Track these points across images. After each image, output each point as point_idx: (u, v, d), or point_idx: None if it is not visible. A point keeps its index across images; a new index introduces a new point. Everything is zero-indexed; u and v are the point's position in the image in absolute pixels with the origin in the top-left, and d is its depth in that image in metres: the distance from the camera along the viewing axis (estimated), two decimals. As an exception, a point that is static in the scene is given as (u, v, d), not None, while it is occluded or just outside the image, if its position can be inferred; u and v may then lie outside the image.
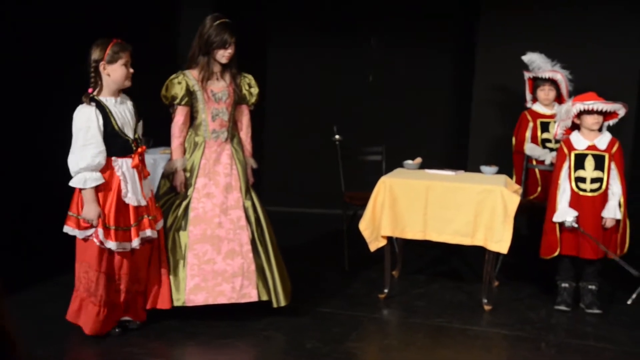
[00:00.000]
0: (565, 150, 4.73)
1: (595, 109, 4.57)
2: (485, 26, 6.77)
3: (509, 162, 5.72)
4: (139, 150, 3.91)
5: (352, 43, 7.58)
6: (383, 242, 4.74)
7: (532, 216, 5.51)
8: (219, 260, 4.17)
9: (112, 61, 3.81)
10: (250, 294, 4.19)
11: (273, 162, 7.58)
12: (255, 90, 4.45)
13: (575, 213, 4.58)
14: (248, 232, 4.26)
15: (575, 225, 4.57)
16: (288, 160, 7.67)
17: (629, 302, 4.70)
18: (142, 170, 3.94)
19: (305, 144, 7.55)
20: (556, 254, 4.71)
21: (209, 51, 4.25)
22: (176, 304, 4.11)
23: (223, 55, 4.25)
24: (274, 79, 7.61)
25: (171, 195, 4.32)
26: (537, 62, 5.55)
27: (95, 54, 3.80)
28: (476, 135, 6.85)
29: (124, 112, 3.88)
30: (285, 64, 7.68)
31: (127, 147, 3.86)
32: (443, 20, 7.40)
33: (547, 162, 5.38)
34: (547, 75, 5.45)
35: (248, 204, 4.33)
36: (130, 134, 3.88)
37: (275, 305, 4.23)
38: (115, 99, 3.87)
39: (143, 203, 3.90)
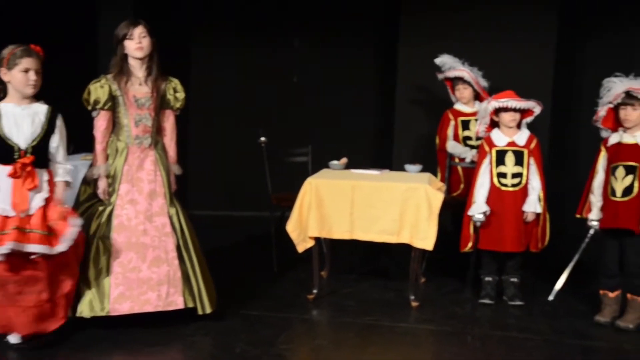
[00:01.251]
0: (486, 147, 4.86)
1: (509, 106, 4.72)
2: (406, 26, 6.86)
3: (433, 160, 5.84)
4: (22, 160, 3.74)
5: (276, 44, 7.59)
6: (311, 243, 4.77)
7: (456, 212, 5.61)
8: (144, 268, 4.11)
9: (11, 67, 3.73)
10: (177, 302, 4.15)
11: (199, 165, 7.52)
12: (181, 95, 4.41)
13: (486, 208, 4.71)
14: (173, 239, 4.22)
15: (478, 224, 4.71)
16: (214, 163, 7.63)
17: (551, 297, 4.87)
18: (25, 181, 3.74)
19: (231, 146, 7.53)
20: (469, 245, 4.84)
21: (121, 48, 4.21)
22: (100, 313, 4.03)
23: (133, 47, 4.19)
24: (199, 81, 7.55)
25: (93, 202, 4.24)
26: (449, 63, 5.71)
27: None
28: (400, 134, 6.94)
29: (22, 119, 3.77)
30: (210, 65, 7.63)
31: (8, 154, 3.73)
32: (366, 20, 7.49)
33: (468, 159, 5.53)
34: (455, 74, 5.61)
35: (172, 211, 4.29)
36: (20, 142, 3.75)
37: (200, 312, 4.21)
38: (20, 106, 3.78)
39: (11, 214, 3.70)
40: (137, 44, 4.19)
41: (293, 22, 7.55)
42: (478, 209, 4.76)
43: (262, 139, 5.57)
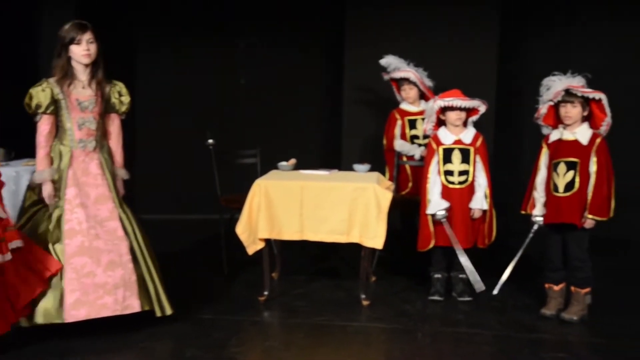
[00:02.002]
0: (434, 145, 4.92)
1: (454, 105, 4.79)
2: (351, 27, 6.90)
3: (381, 159, 5.88)
4: None
5: (222, 45, 7.56)
6: (261, 245, 4.77)
7: (405, 211, 5.71)
8: (100, 272, 4.05)
9: None
10: (133, 305, 4.11)
11: (146, 169, 7.44)
12: (126, 98, 4.37)
13: (447, 204, 4.78)
14: (127, 243, 4.18)
15: (443, 220, 4.77)
16: (162, 166, 7.55)
17: (495, 291, 4.95)
18: None
19: (179, 149, 7.46)
20: (431, 245, 4.89)
21: (66, 52, 4.14)
22: (56, 320, 3.96)
23: (80, 54, 4.14)
24: (144, 83, 7.48)
25: (39, 207, 4.17)
26: (394, 64, 5.76)
27: None
28: (348, 134, 6.98)
29: None
30: (155, 68, 7.57)
31: None
32: (312, 20, 7.51)
33: (417, 157, 5.59)
34: (401, 75, 5.67)
35: (123, 214, 4.25)
36: None
37: (159, 314, 4.18)
38: None
39: None
40: (84, 50, 4.13)
41: (239, 23, 7.52)
42: (437, 206, 4.81)
43: (210, 141, 5.54)
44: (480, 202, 4.84)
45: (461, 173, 4.85)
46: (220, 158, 5.64)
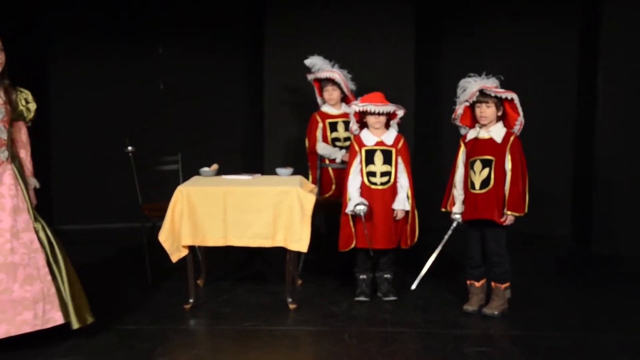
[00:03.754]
0: (356, 146, 4.99)
1: (369, 110, 4.86)
2: (271, 28, 6.90)
3: (304, 162, 5.94)
4: None
5: (140, 50, 7.46)
6: (185, 252, 4.73)
7: (329, 213, 5.76)
8: (17, 288, 3.95)
9: None
10: (55, 318, 4.03)
11: (65, 179, 7.30)
12: (32, 105, 4.27)
13: (365, 202, 4.85)
14: (43, 255, 4.09)
15: (362, 215, 4.82)
16: (81, 175, 7.38)
17: (413, 287, 5.06)
18: None
19: (98, 157, 7.31)
20: (352, 246, 4.95)
21: None
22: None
23: None
24: (60, 91, 7.31)
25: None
26: (318, 64, 5.80)
27: None
28: (270, 138, 6.98)
29: None
30: (72, 75, 7.37)
31: None
32: (232, 23, 7.47)
33: (338, 160, 5.67)
34: (326, 75, 5.71)
35: (38, 225, 4.15)
36: None
37: (77, 326, 4.10)
38: None
39: None
40: None
41: (156, 28, 7.43)
42: (355, 201, 4.86)
43: (130, 148, 5.46)
44: (402, 203, 4.93)
45: (383, 174, 4.93)
46: (141, 165, 5.57)
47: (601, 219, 6.50)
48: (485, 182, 4.59)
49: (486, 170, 4.59)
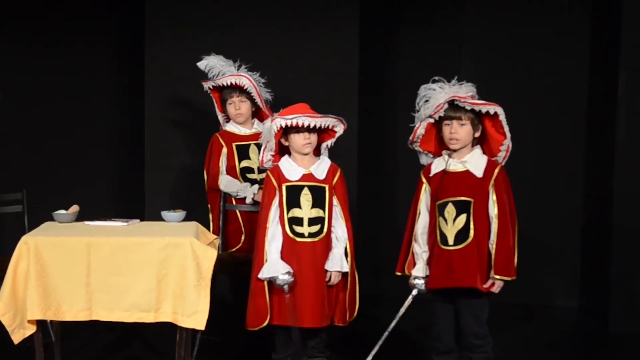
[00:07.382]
0: (274, 182, 4.88)
1: (302, 124, 4.76)
2: (155, 15, 6.90)
3: (201, 203, 5.85)
4: None
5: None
6: (32, 329, 4.56)
7: (237, 274, 5.64)
8: None
9: None
10: None
11: None
12: None
13: (288, 268, 4.72)
14: None
15: (285, 287, 4.72)
16: None
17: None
18: None
19: None
20: (266, 323, 4.83)
21: None
22: None
23: None
24: None
25: None
26: (218, 67, 5.75)
27: None
28: (153, 168, 6.94)
29: None
30: None
31: None
32: (98, 6, 7.46)
33: (249, 199, 5.58)
34: (230, 80, 5.65)
35: None
36: None
37: None
38: None
39: None
40: None
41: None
42: (276, 268, 4.75)
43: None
44: (339, 261, 4.84)
45: (313, 221, 4.83)
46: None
47: (621, 284, 6.39)
48: (462, 235, 4.49)
49: (462, 217, 4.51)
